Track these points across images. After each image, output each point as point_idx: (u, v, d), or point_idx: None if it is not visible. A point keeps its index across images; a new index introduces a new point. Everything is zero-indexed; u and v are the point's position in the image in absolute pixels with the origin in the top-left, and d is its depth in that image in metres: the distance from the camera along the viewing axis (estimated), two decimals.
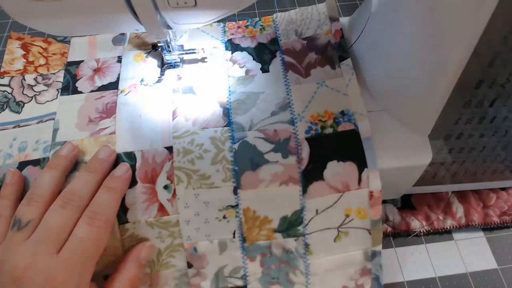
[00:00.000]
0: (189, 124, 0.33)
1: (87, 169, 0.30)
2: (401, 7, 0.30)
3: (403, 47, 0.31)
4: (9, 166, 0.32)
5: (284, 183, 0.31)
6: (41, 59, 0.39)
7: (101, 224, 0.28)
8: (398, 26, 0.31)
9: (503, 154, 0.36)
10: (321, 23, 0.39)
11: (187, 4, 0.27)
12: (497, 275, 0.38)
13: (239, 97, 0.35)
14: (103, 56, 0.39)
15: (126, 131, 0.33)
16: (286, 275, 0.32)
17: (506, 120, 0.32)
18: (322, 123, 0.33)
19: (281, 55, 0.38)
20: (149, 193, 0.31)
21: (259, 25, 0.41)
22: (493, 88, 0.29)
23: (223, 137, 0.33)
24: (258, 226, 0.31)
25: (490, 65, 0.27)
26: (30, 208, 0.28)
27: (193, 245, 0.31)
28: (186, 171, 0.31)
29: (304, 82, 0.36)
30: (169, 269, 0.32)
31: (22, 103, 0.36)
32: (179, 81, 0.36)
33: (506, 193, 0.42)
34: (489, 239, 0.40)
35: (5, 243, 0.27)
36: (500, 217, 0.40)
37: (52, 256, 0.26)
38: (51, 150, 0.33)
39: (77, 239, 0.27)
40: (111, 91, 0.36)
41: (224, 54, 0.38)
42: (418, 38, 0.29)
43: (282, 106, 0.34)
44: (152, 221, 0.31)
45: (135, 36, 0.39)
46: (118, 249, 0.31)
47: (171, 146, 0.32)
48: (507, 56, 0.26)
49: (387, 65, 0.34)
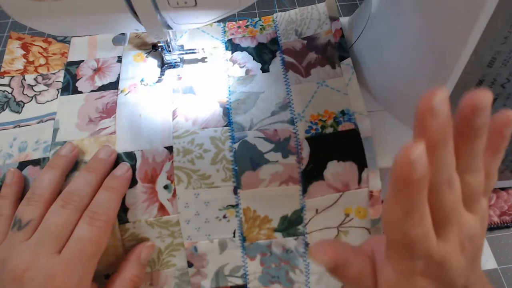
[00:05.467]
0: (189, 124, 0.33)
1: (87, 169, 0.30)
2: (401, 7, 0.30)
3: (403, 46, 0.31)
4: (9, 166, 0.32)
5: (284, 183, 0.31)
6: (41, 59, 0.39)
7: (101, 224, 0.28)
8: (398, 26, 0.31)
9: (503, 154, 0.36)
10: (321, 23, 0.39)
11: (187, 4, 0.27)
12: (497, 275, 0.38)
13: (239, 97, 0.35)
14: (103, 56, 0.39)
15: (126, 131, 0.33)
16: (286, 274, 0.32)
17: None
18: (322, 122, 0.33)
19: (281, 55, 0.38)
20: (149, 193, 0.31)
21: (259, 25, 0.41)
22: (493, 88, 0.29)
23: (223, 137, 0.33)
24: (258, 226, 0.31)
25: (490, 65, 0.27)
26: (30, 208, 0.28)
27: (194, 245, 0.31)
28: (186, 171, 0.31)
29: (304, 82, 0.36)
30: (170, 268, 0.32)
31: (22, 103, 0.36)
32: (179, 81, 0.36)
33: (506, 193, 0.42)
34: (489, 239, 0.40)
35: (6, 243, 0.27)
36: (500, 217, 0.40)
37: (52, 256, 0.26)
38: (51, 150, 0.33)
39: (77, 239, 0.27)
40: (111, 91, 0.36)
41: (224, 54, 0.38)
42: (418, 38, 0.29)
43: (282, 106, 0.34)
44: (152, 220, 0.31)
45: (135, 36, 0.39)
46: (119, 248, 0.31)
47: (171, 146, 0.32)
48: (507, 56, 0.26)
49: (387, 65, 0.34)
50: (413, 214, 0.20)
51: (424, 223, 0.21)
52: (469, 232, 0.23)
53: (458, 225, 0.23)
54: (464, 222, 0.23)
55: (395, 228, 0.21)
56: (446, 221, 0.22)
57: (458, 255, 0.23)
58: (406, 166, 0.18)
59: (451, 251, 0.22)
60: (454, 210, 0.22)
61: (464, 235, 0.23)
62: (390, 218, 0.21)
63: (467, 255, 0.23)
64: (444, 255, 0.22)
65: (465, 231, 0.23)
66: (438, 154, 0.20)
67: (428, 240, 0.21)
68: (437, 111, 0.19)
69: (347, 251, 0.24)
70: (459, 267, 0.23)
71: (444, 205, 0.22)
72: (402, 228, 0.21)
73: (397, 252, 0.23)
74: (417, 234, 0.21)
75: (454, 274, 0.22)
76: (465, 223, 0.23)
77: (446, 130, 0.20)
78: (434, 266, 0.22)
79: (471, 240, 0.23)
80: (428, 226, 0.21)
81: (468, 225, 0.23)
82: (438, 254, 0.22)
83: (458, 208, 0.23)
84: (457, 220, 0.23)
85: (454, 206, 0.22)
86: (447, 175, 0.21)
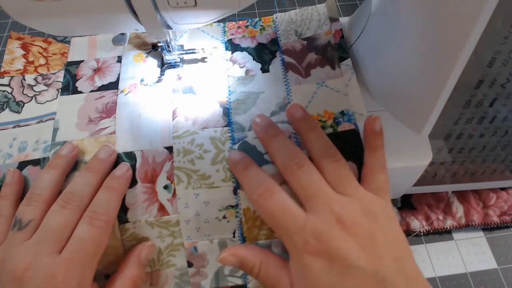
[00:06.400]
0: (189, 124, 0.33)
1: (87, 169, 0.30)
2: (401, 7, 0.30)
3: (403, 47, 0.31)
4: (9, 166, 0.32)
5: (284, 183, 0.31)
6: (41, 59, 0.39)
7: (101, 224, 0.28)
8: (398, 26, 0.31)
9: (503, 154, 0.36)
10: (321, 23, 0.39)
11: (187, 4, 0.27)
12: (497, 275, 0.38)
13: (239, 97, 0.35)
14: (103, 56, 0.39)
15: (126, 131, 0.33)
16: None
17: (506, 120, 0.32)
18: (322, 123, 0.33)
19: (281, 55, 0.38)
20: (149, 193, 0.31)
21: (259, 25, 0.41)
22: (493, 88, 0.29)
23: (223, 137, 0.33)
24: (258, 226, 0.31)
25: (490, 65, 0.27)
26: (30, 208, 0.28)
27: (193, 245, 0.31)
28: (186, 171, 0.31)
29: (304, 82, 0.36)
30: (170, 268, 0.32)
31: (22, 103, 0.36)
32: (179, 81, 0.36)
33: (506, 193, 0.42)
34: (489, 239, 0.40)
35: (6, 243, 0.27)
36: (500, 217, 0.40)
37: (53, 256, 0.26)
38: (51, 150, 0.33)
39: (77, 239, 0.27)
40: (111, 91, 0.36)
41: (224, 54, 0.39)
42: (418, 38, 0.29)
43: (282, 106, 0.34)
44: (152, 220, 0.31)
45: (135, 36, 0.39)
46: (119, 248, 0.31)
47: (171, 146, 0.32)
48: (507, 56, 0.26)
49: (387, 65, 0.34)
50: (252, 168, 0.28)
51: (275, 195, 0.26)
52: (341, 208, 0.24)
53: (323, 198, 0.25)
54: (330, 197, 0.25)
55: (258, 208, 0.27)
56: (308, 195, 0.25)
57: (337, 229, 0.24)
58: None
59: (324, 222, 0.24)
60: (314, 184, 0.25)
61: (335, 209, 0.24)
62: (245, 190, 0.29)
63: (356, 237, 0.24)
64: (317, 225, 0.24)
65: (335, 206, 0.24)
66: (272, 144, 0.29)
67: (289, 211, 0.25)
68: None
69: (246, 248, 0.28)
70: (346, 244, 0.23)
71: (301, 181, 0.26)
72: (261, 206, 0.27)
73: (277, 234, 0.27)
74: (272, 205, 0.26)
75: (342, 250, 0.23)
76: (332, 198, 0.25)
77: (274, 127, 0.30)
78: (312, 239, 0.24)
79: (350, 218, 0.24)
80: (281, 198, 0.26)
81: (336, 201, 0.25)
82: (309, 225, 0.24)
83: (319, 184, 0.25)
84: (321, 193, 0.25)
85: (312, 181, 0.26)
86: (295, 159, 0.27)
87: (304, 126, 0.30)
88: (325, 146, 0.29)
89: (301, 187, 0.26)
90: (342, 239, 0.24)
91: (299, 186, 0.26)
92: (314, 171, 0.27)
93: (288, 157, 0.27)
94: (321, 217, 0.24)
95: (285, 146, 0.28)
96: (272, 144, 0.29)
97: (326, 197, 0.25)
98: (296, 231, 0.24)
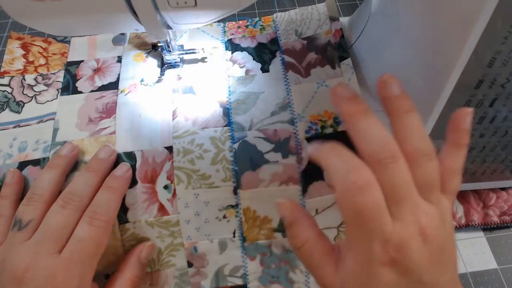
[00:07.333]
0: (189, 124, 0.33)
1: (87, 169, 0.30)
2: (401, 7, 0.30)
3: (403, 46, 0.31)
4: (9, 166, 0.32)
5: (284, 183, 0.31)
6: (41, 59, 0.39)
7: (101, 224, 0.28)
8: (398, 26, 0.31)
9: (503, 154, 0.36)
10: (321, 23, 0.39)
11: (187, 4, 0.27)
12: (497, 275, 0.38)
13: (239, 97, 0.35)
14: (103, 56, 0.39)
15: (126, 131, 0.33)
16: (286, 274, 0.32)
17: (506, 120, 0.32)
18: (322, 122, 0.33)
19: (281, 55, 0.38)
20: (149, 193, 0.31)
21: (259, 25, 0.41)
22: (493, 88, 0.29)
23: (223, 137, 0.33)
24: (258, 226, 0.31)
25: (490, 65, 0.27)
26: (30, 208, 0.28)
27: (193, 245, 0.31)
28: (186, 171, 0.31)
29: (304, 82, 0.36)
30: (170, 268, 0.32)
31: (22, 103, 0.36)
32: (179, 81, 0.36)
33: (506, 193, 0.42)
34: (489, 239, 0.40)
35: (6, 243, 0.27)
36: (500, 217, 0.40)
37: (53, 256, 0.26)
38: (51, 150, 0.33)
39: (77, 239, 0.27)
40: (111, 91, 0.36)
41: (224, 54, 0.38)
42: (417, 38, 0.29)
43: (282, 106, 0.34)
44: (152, 220, 0.31)
45: (135, 36, 0.39)
46: (119, 248, 0.31)
47: (171, 146, 0.32)
48: (507, 56, 0.26)
49: (387, 65, 0.34)
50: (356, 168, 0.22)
51: (372, 190, 0.21)
52: (427, 219, 0.22)
53: (412, 205, 0.22)
54: (419, 205, 0.22)
55: (344, 199, 0.22)
56: (398, 199, 0.22)
57: (418, 241, 0.22)
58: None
59: (409, 234, 0.22)
60: (406, 186, 0.22)
61: (422, 221, 0.22)
62: (338, 182, 0.22)
63: (431, 249, 0.22)
64: (402, 236, 0.21)
65: (422, 217, 0.22)
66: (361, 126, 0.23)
67: (381, 214, 0.21)
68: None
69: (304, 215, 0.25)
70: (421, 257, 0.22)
71: (393, 180, 0.22)
72: (350, 197, 0.21)
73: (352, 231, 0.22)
74: (366, 201, 0.21)
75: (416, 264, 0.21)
76: (421, 206, 0.22)
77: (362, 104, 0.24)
78: (393, 250, 0.21)
79: (433, 231, 0.22)
80: (377, 196, 0.21)
81: (424, 210, 0.22)
82: (394, 235, 0.21)
83: (410, 187, 0.22)
84: (411, 199, 0.22)
85: (405, 182, 0.22)
86: (389, 151, 0.22)
87: (401, 107, 0.24)
88: (423, 138, 0.24)
89: (392, 186, 0.22)
90: (420, 253, 0.22)
91: (390, 185, 0.22)
92: (407, 169, 0.23)
93: (381, 146, 0.22)
94: (408, 228, 0.22)
95: (376, 130, 0.23)
96: (360, 124, 0.23)
97: (415, 204, 0.22)
98: (380, 239, 0.21)
